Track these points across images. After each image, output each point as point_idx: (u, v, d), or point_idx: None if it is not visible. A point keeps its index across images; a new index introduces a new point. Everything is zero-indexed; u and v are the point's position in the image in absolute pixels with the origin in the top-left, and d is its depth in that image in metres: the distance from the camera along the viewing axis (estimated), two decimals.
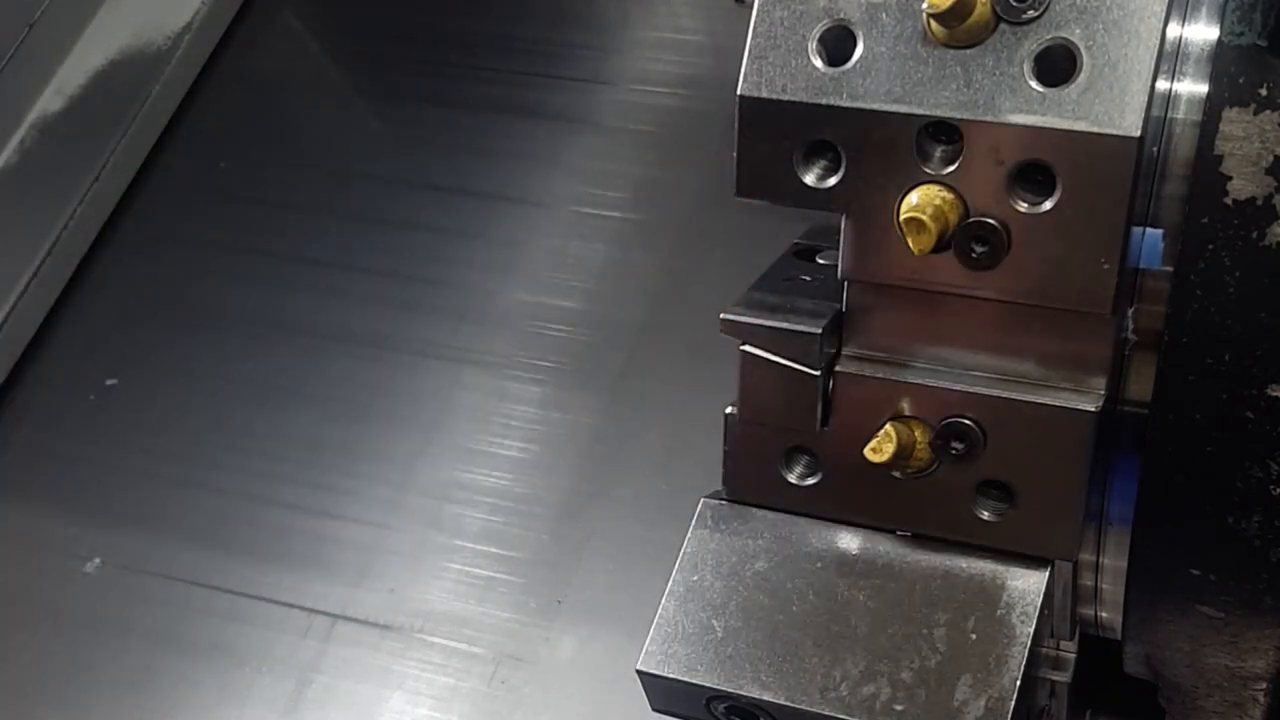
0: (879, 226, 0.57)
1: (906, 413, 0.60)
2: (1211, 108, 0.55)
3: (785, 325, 0.61)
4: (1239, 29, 0.55)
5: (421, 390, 1.16)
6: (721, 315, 0.62)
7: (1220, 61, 0.55)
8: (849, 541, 0.63)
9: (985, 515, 0.61)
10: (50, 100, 1.39)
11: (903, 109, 0.55)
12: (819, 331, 0.60)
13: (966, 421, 0.59)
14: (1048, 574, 0.61)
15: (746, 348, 0.61)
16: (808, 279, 0.64)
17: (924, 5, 0.54)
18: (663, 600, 0.63)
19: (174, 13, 1.43)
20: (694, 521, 0.65)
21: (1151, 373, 0.58)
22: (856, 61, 0.56)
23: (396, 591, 1.09)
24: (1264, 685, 0.63)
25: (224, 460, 1.16)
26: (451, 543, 1.11)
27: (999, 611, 0.60)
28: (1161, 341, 0.57)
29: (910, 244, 0.55)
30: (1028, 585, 0.61)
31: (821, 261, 0.60)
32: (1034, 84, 0.54)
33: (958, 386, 0.60)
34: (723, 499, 0.66)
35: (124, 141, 1.37)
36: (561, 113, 1.34)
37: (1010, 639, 0.59)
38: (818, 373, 0.61)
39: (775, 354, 0.61)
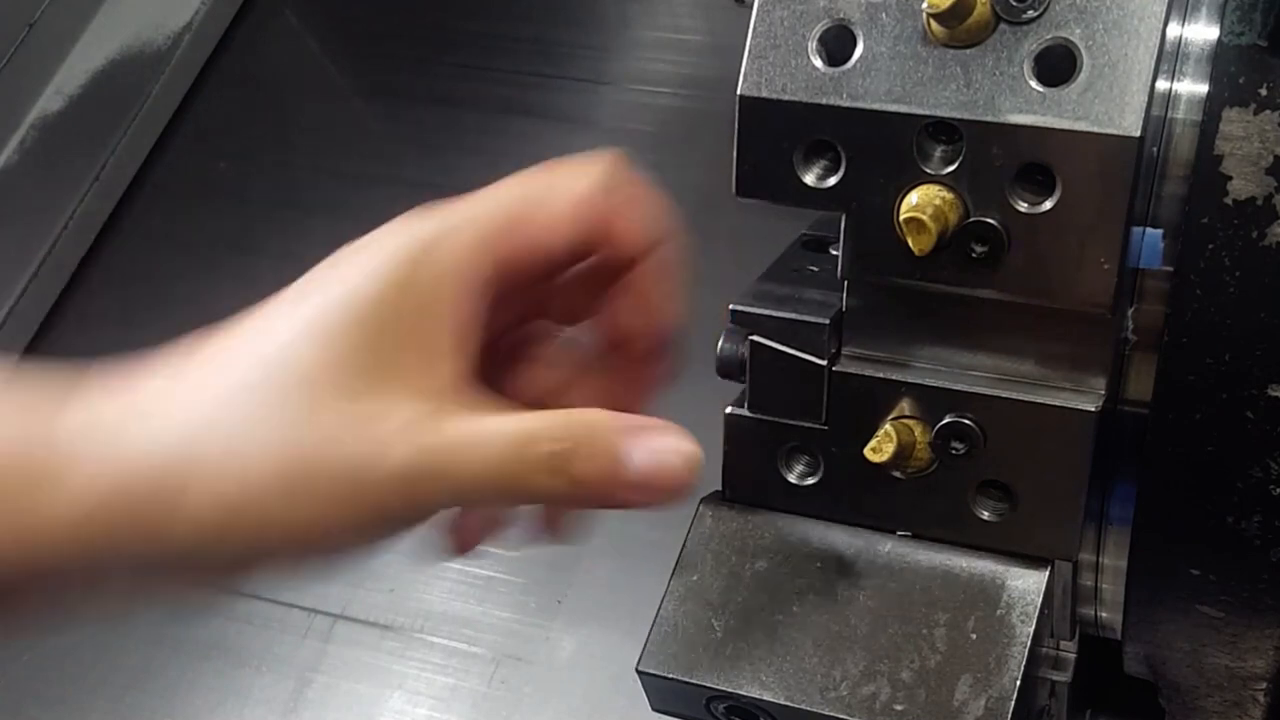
0: (879, 226, 0.56)
1: (906, 413, 0.60)
2: (1211, 108, 0.55)
3: (793, 316, 0.61)
4: (1239, 29, 0.55)
5: None
6: (730, 306, 0.62)
7: (1220, 61, 0.55)
8: (849, 541, 0.63)
9: (985, 515, 0.61)
10: (50, 100, 1.39)
11: (903, 109, 0.55)
12: (826, 322, 0.60)
13: (966, 421, 0.59)
14: (1048, 574, 0.61)
15: (755, 338, 0.61)
16: (816, 270, 0.64)
17: (924, 5, 0.54)
18: (663, 600, 0.63)
19: (174, 13, 1.43)
20: (693, 521, 0.65)
21: (1151, 373, 0.58)
22: (856, 61, 0.56)
23: (396, 591, 1.09)
24: (1264, 685, 0.63)
25: None
26: None
27: (999, 611, 0.60)
28: (1161, 341, 0.57)
29: (910, 244, 0.55)
30: (1028, 585, 0.61)
31: (831, 252, 0.60)
32: (1034, 84, 0.54)
33: (958, 386, 0.60)
34: (722, 499, 0.66)
35: (124, 141, 1.37)
36: (561, 113, 1.34)
37: (1010, 639, 0.59)
38: (824, 363, 0.61)
39: (783, 344, 0.61)
